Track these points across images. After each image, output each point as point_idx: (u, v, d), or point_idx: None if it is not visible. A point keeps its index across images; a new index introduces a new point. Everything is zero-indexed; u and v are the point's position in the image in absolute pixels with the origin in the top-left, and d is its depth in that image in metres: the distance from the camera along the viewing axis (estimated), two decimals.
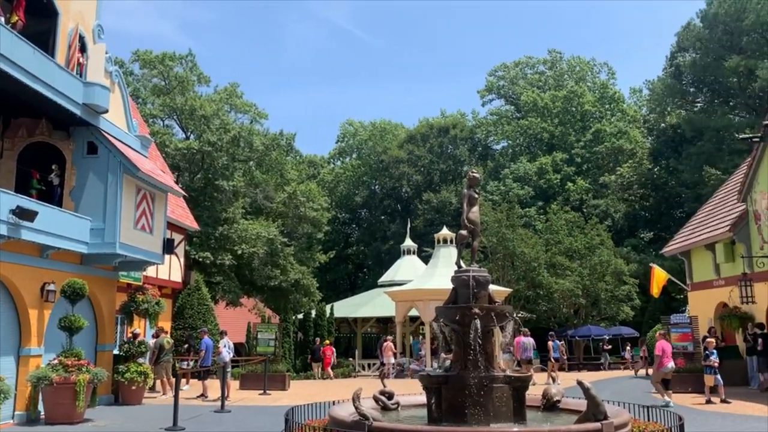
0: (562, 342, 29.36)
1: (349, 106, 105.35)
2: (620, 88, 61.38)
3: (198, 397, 16.97)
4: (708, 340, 16.78)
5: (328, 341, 27.79)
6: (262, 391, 18.48)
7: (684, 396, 16.41)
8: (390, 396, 9.11)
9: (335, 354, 27.99)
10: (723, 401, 15.29)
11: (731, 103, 42.88)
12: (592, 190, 45.73)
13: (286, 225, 32.30)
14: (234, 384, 19.26)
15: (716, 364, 15.53)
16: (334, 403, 9.17)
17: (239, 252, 27.63)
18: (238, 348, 30.19)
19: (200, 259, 26.83)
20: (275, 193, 33.04)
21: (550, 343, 23.01)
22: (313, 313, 32.28)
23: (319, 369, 26.14)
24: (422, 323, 29.14)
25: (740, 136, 21.55)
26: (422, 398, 8.84)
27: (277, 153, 32.80)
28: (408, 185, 54.18)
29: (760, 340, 17.67)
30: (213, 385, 17.84)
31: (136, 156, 15.63)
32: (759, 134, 18.43)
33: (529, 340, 20.70)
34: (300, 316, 32.66)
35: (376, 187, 58.90)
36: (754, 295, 18.42)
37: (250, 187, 32.01)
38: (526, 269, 33.15)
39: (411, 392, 10.18)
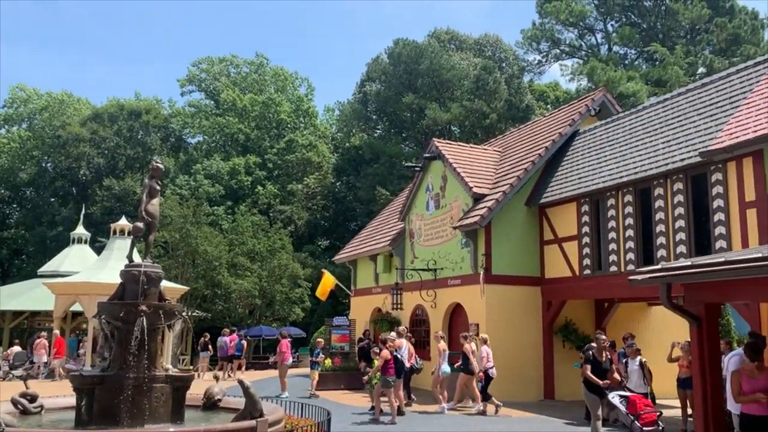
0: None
1: (23, 70, 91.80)
2: (316, 104, 65.28)
3: None
4: (318, 340, 19.20)
5: None
6: None
7: (336, 393, 18.09)
8: (33, 398, 8.27)
9: None
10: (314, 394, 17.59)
11: (404, 135, 49.04)
12: (280, 196, 47.55)
13: None
14: None
15: (320, 361, 18.28)
16: None
17: None
18: None
19: None
20: None
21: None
22: None
23: None
24: (86, 319, 26.78)
25: (406, 164, 24.88)
26: (73, 400, 8.21)
27: None
28: (87, 167, 49.31)
29: None
30: None
31: None
32: (419, 165, 21.54)
33: (225, 339, 21.30)
34: None
35: (48, 164, 52.33)
36: (403, 302, 21.31)
37: None
38: (207, 268, 32.88)
39: (63, 394, 9.37)
